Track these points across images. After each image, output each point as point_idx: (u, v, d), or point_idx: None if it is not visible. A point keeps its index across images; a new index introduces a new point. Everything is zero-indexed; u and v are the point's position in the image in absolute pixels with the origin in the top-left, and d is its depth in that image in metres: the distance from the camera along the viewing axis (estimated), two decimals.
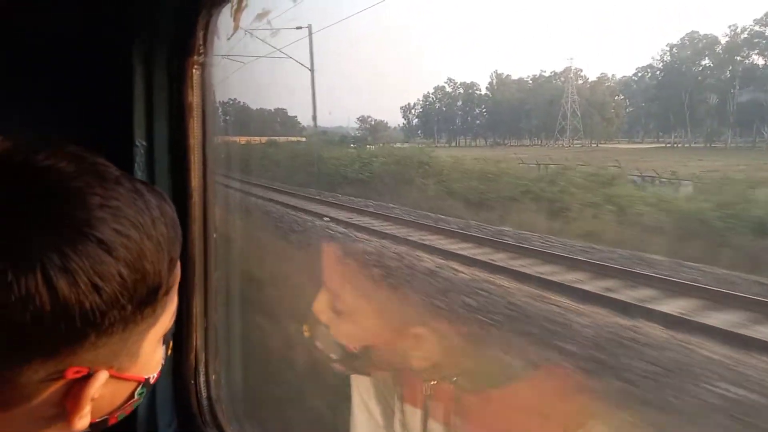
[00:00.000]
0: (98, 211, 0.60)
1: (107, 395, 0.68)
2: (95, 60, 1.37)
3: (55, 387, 0.62)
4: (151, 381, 0.75)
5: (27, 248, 0.55)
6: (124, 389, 0.71)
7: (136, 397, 0.73)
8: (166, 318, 0.72)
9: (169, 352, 0.80)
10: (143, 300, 0.64)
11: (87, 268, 0.57)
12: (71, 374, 0.61)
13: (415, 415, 1.20)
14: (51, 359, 0.59)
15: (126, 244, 0.60)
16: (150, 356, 0.72)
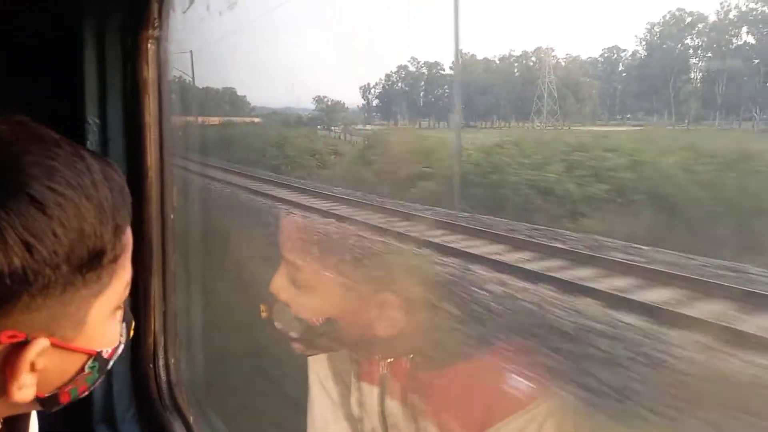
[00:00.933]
0: (32, 169, 0.58)
1: (53, 367, 0.65)
2: (43, 33, 1.31)
3: None
4: (105, 356, 0.71)
5: None
6: (72, 361, 0.68)
7: (87, 371, 0.70)
8: (117, 288, 0.69)
9: (132, 332, 0.78)
10: (83, 263, 0.62)
11: (17, 225, 0.55)
12: (5, 338, 0.59)
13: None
14: None
15: (61, 202, 0.58)
16: (100, 327, 0.69)
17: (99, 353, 0.70)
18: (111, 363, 0.74)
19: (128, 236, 0.70)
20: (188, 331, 1.91)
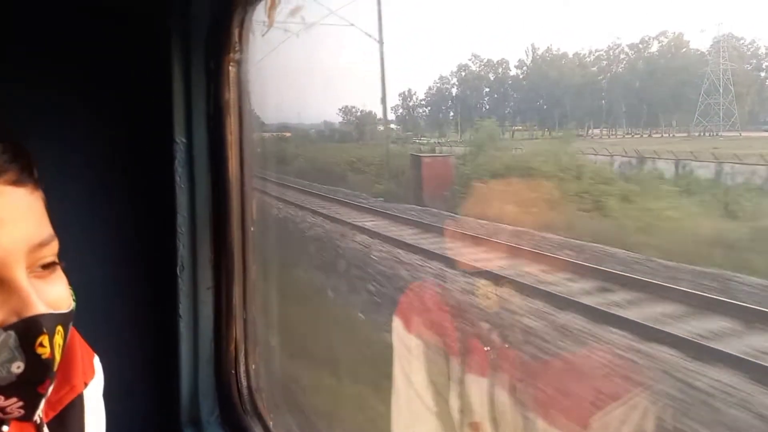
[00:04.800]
0: None
1: None
2: (134, 61, 1.41)
3: None
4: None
5: None
6: None
7: None
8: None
9: (41, 349, 0.61)
10: None
11: None
12: None
13: None
14: None
15: None
16: None
17: None
18: None
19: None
20: (267, 338, 1.98)
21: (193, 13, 1.43)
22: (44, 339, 0.61)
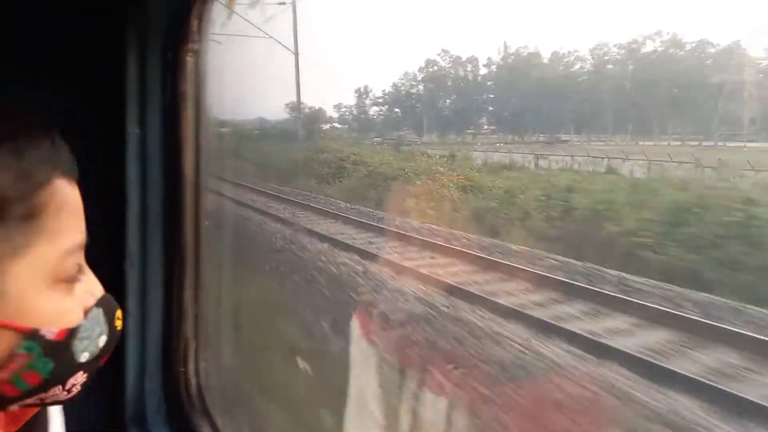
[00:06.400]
0: None
1: None
2: (86, 46, 1.36)
3: None
4: (49, 336, 0.59)
5: None
6: None
7: (23, 353, 0.58)
8: (47, 253, 0.59)
9: (118, 322, 0.68)
10: None
11: None
12: None
13: None
14: None
15: None
16: (31, 299, 0.57)
17: (35, 331, 0.58)
18: (79, 352, 0.62)
19: (62, 194, 0.61)
20: (219, 336, 1.95)
21: (150, 1, 1.39)
22: (119, 312, 0.68)
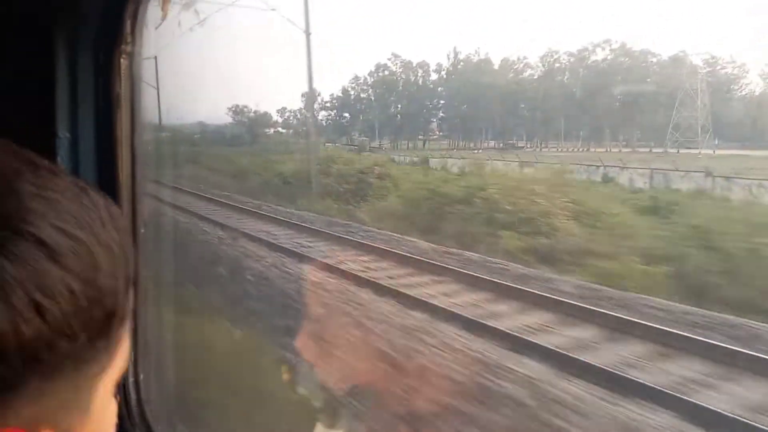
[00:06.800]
0: (32, 202, 0.44)
1: None
2: (13, 46, 1.30)
3: None
4: None
5: None
6: None
7: None
8: (121, 359, 0.54)
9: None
10: (98, 329, 0.47)
11: (24, 280, 0.41)
12: None
13: None
14: None
15: (73, 247, 0.44)
16: (103, 411, 0.54)
17: None
18: None
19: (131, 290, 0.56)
20: (158, 347, 1.89)
21: (82, 0, 1.34)
22: None
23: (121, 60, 1.34)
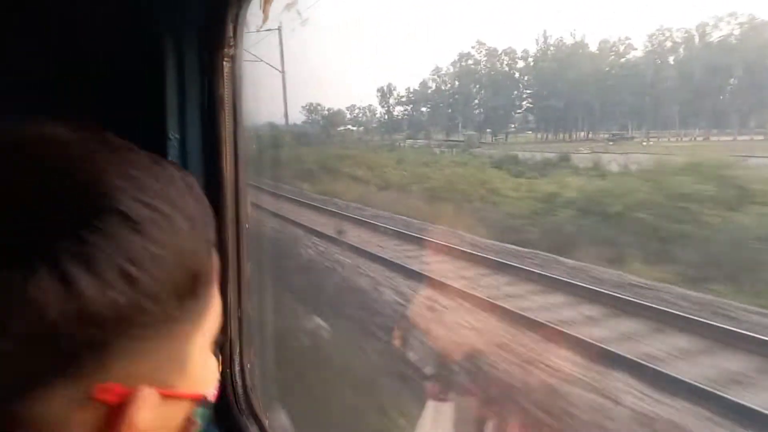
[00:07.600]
0: (117, 180, 0.48)
1: (158, 423, 0.52)
2: (125, 50, 1.38)
3: (85, 416, 0.47)
4: (210, 399, 0.61)
5: (29, 239, 0.44)
6: (175, 412, 0.56)
7: (195, 420, 0.59)
8: (212, 318, 0.58)
9: (220, 366, 0.66)
10: (184, 291, 0.51)
11: (112, 252, 0.45)
12: (105, 396, 0.47)
13: None
14: (75, 379, 0.46)
15: (155, 218, 0.48)
16: (202, 368, 0.58)
17: (205, 398, 0.60)
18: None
19: (215, 255, 0.59)
20: (261, 336, 1.96)
21: (186, 6, 1.40)
22: None
23: (224, 62, 1.40)
